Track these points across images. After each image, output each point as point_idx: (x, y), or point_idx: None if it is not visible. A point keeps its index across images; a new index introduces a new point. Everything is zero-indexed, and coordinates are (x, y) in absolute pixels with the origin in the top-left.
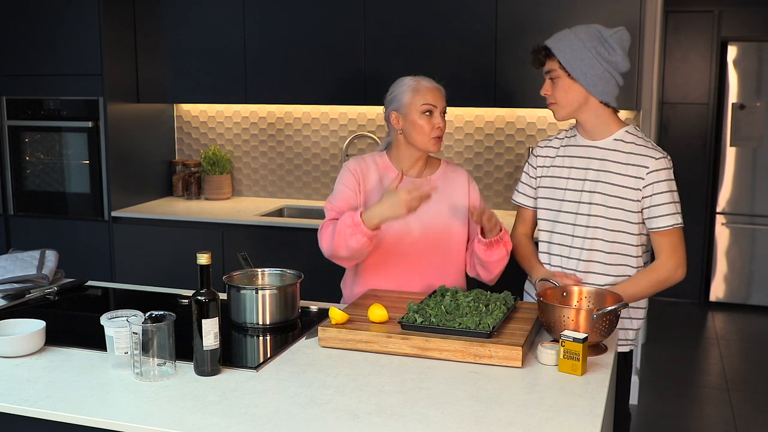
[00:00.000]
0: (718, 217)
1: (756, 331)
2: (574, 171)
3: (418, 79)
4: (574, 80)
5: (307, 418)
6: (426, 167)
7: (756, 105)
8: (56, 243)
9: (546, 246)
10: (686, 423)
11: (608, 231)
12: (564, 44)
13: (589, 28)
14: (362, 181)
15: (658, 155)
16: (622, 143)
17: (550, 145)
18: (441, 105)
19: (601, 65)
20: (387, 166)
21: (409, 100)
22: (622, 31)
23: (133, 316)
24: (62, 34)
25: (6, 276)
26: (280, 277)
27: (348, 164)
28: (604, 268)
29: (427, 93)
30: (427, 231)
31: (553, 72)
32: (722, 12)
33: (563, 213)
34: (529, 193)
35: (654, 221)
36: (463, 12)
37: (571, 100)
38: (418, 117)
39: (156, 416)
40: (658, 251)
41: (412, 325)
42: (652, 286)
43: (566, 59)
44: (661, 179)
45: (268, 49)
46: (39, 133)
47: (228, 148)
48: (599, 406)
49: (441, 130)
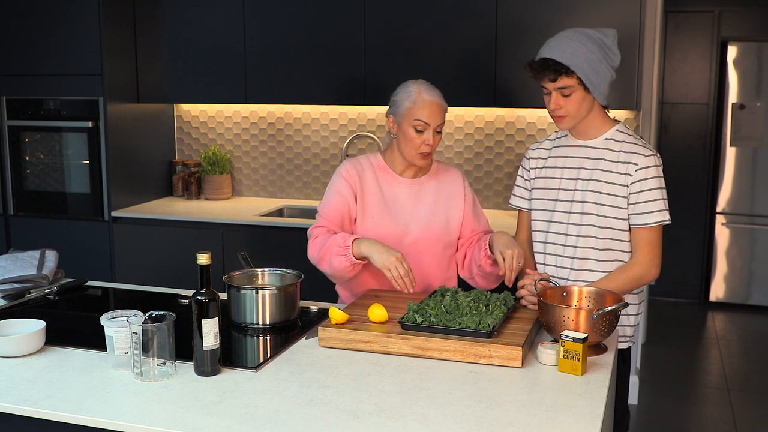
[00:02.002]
0: (718, 217)
1: (756, 331)
2: (566, 171)
3: (420, 90)
4: (588, 92)
5: (307, 418)
6: (420, 170)
7: (756, 105)
8: (56, 243)
9: (541, 246)
10: (686, 423)
11: (600, 228)
12: (580, 60)
13: (592, 37)
14: (358, 184)
15: (648, 152)
16: (613, 142)
17: (542, 146)
18: (436, 123)
19: (610, 72)
20: (382, 167)
21: (406, 111)
22: (613, 31)
23: (133, 316)
24: (62, 34)
25: (6, 276)
26: (280, 277)
27: (341, 169)
28: (598, 265)
29: (423, 108)
30: (424, 232)
31: (570, 88)
32: (722, 12)
33: (557, 213)
34: (525, 195)
35: (639, 217)
36: (463, 12)
37: (583, 111)
38: (409, 129)
39: (156, 416)
40: (635, 247)
41: (412, 325)
42: (627, 283)
43: (586, 75)
44: (650, 176)
45: (268, 49)
46: (39, 133)
47: (228, 148)
48: (599, 406)
49: (430, 147)
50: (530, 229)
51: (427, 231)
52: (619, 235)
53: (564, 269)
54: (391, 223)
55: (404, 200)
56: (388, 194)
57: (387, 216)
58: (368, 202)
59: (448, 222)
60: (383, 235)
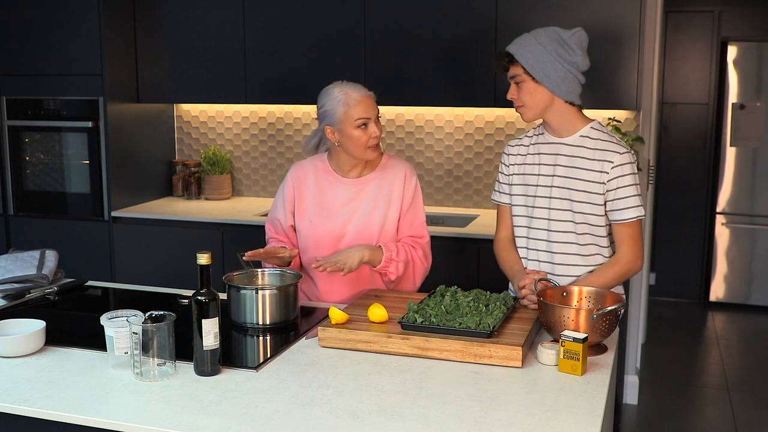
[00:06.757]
0: (718, 217)
1: (756, 331)
2: (543, 168)
3: (346, 90)
4: (538, 83)
5: (307, 418)
6: (366, 167)
7: (756, 105)
8: (56, 243)
9: (524, 241)
10: (686, 423)
11: (578, 224)
12: (526, 50)
13: (548, 31)
14: (298, 186)
15: (622, 150)
16: (588, 139)
17: (521, 143)
18: (374, 113)
19: (563, 66)
20: (326, 170)
21: (342, 116)
22: (580, 32)
23: (133, 316)
24: (62, 34)
25: (6, 276)
26: (280, 277)
27: (291, 170)
28: (581, 260)
29: (358, 106)
30: (360, 233)
31: (518, 77)
32: (722, 12)
33: (537, 209)
34: (506, 191)
35: (618, 213)
36: (463, 12)
37: (537, 102)
38: (353, 131)
39: (156, 416)
40: (619, 243)
41: (412, 325)
42: (616, 278)
43: (529, 64)
44: (626, 173)
45: (268, 49)
46: (39, 133)
47: (228, 148)
48: (599, 406)
49: (377, 138)
50: (512, 225)
51: (363, 232)
52: (597, 230)
53: (546, 264)
54: (327, 225)
55: (344, 201)
56: (329, 196)
57: (324, 218)
58: (307, 207)
59: (385, 222)
60: (320, 237)
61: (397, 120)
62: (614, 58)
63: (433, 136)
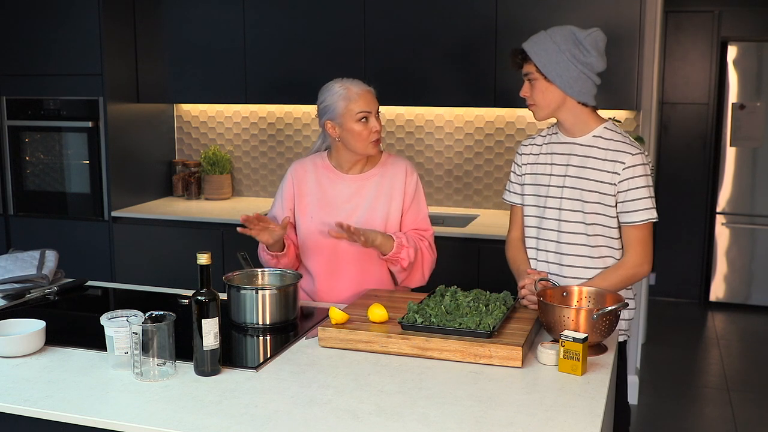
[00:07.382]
0: (718, 217)
1: (756, 331)
2: (555, 168)
3: (347, 85)
4: (550, 82)
5: (307, 418)
6: (366, 163)
7: (756, 105)
8: (56, 243)
9: (534, 242)
10: (686, 423)
11: (589, 225)
12: (539, 48)
13: (564, 30)
14: (298, 184)
15: (635, 151)
16: (601, 140)
17: (534, 142)
18: (374, 108)
19: (576, 67)
20: (327, 167)
21: (343, 110)
22: (597, 32)
23: (133, 316)
24: (62, 34)
25: (6, 276)
26: (280, 277)
27: (290, 168)
28: (591, 262)
29: (359, 100)
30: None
31: (531, 75)
32: (722, 12)
33: (548, 209)
34: (518, 190)
35: (628, 215)
36: (463, 12)
37: (549, 101)
38: (354, 124)
39: (156, 416)
40: (627, 245)
41: (412, 325)
42: (621, 281)
43: (542, 63)
44: (638, 174)
45: (268, 49)
46: (39, 133)
47: (228, 148)
48: (599, 406)
49: (378, 132)
50: (523, 226)
51: (365, 227)
52: (609, 232)
53: (555, 265)
54: (329, 220)
55: (345, 198)
56: (330, 192)
57: (325, 215)
58: (307, 203)
59: (387, 218)
60: (322, 233)
61: (398, 120)
62: (614, 58)
63: (433, 136)
